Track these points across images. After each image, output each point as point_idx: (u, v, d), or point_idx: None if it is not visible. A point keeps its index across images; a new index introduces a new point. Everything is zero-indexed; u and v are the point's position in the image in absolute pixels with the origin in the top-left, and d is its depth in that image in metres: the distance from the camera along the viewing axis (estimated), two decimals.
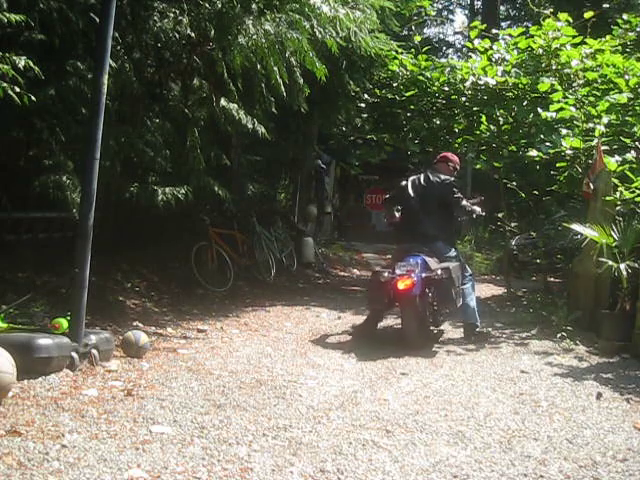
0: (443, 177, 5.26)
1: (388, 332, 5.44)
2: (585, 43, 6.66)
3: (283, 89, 5.75)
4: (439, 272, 4.80)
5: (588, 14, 7.04)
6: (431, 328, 5.25)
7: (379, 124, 9.49)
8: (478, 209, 5.37)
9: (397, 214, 5.50)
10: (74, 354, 3.61)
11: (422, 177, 5.34)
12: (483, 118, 7.46)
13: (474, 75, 6.97)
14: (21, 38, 4.51)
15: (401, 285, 4.65)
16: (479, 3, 23.77)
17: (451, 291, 4.83)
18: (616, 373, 4.18)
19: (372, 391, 3.57)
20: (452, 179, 5.29)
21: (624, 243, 4.95)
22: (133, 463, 2.37)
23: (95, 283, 4.61)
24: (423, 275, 4.77)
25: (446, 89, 7.55)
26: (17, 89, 3.52)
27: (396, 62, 7.83)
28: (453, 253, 5.26)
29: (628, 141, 5.79)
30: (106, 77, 3.70)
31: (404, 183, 5.39)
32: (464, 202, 5.27)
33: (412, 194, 5.26)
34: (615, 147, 5.87)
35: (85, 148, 3.75)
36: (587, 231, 5.15)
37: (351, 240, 14.14)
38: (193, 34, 5.54)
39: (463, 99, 7.49)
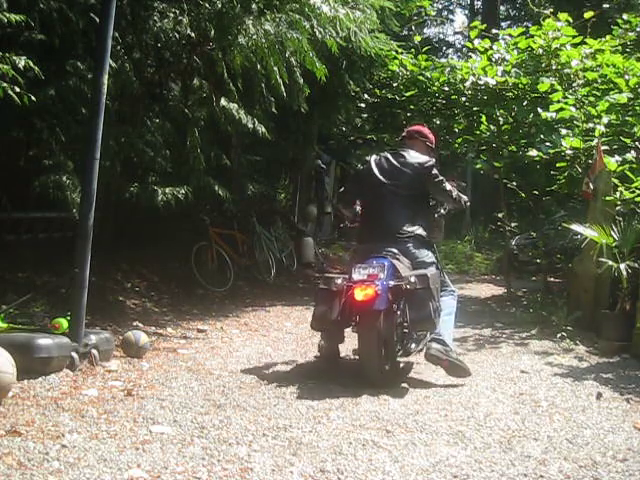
0: (423, 158, 4.08)
1: None
2: (585, 43, 6.66)
3: (283, 89, 5.76)
4: (412, 279, 3.61)
5: (588, 14, 7.05)
6: (398, 360, 3.81)
7: (379, 124, 9.49)
8: (464, 197, 4.38)
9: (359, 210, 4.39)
10: (74, 354, 3.61)
11: (391, 156, 4.12)
12: (483, 118, 7.46)
13: (474, 75, 6.97)
14: (21, 38, 4.51)
15: (360, 295, 3.48)
16: (479, 3, 23.82)
17: (429, 306, 3.57)
18: (616, 373, 4.18)
19: (372, 391, 3.57)
20: (434, 160, 4.14)
21: (624, 243, 4.95)
22: (133, 463, 2.37)
23: (95, 283, 4.61)
24: (391, 283, 3.60)
25: (446, 89, 7.55)
26: (17, 89, 3.53)
27: (396, 62, 7.84)
28: (429, 257, 3.99)
29: (628, 141, 5.79)
30: (106, 77, 3.70)
31: (365, 166, 4.24)
32: (449, 186, 4.13)
33: (381, 177, 4.04)
34: (615, 147, 5.87)
35: (85, 148, 3.75)
36: (587, 231, 5.15)
37: (351, 240, 14.12)
38: (193, 34, 5.55)
39: (463, 99, 7.49)
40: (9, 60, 3.52)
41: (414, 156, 4.10)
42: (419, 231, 3.99)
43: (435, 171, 4.07)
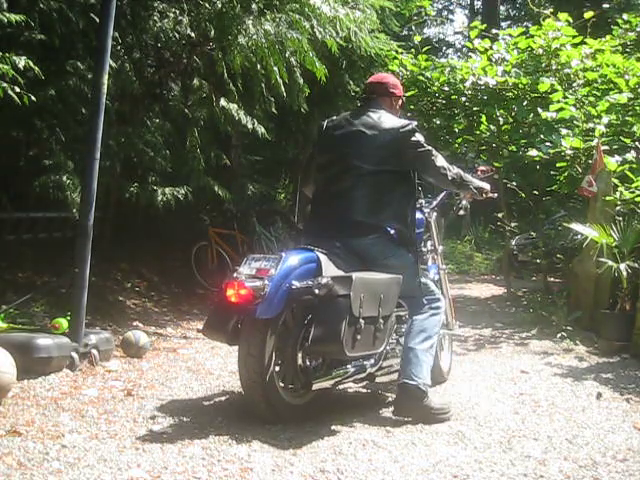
0: (399, 121, 3.11)
1: None
2: (585, 43, 6.66)
3: (283, 89, 5.76)
4: (324, 281, 2.72)
5: (588, 14, 7.04)
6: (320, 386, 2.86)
7: None
8: (482, 184, 3.40)
9: None
10: (74, 354, 3.62)
11: (356, 116, 3.17)
12: (483, 118, 7.45)
13: (474, 75, 6.96)
14: (21, 38, 4.52)
15: (232, 295, 2.70)
16: (479, 3, 23.79)
17: (341, 323, 2.64)
18: (616, 373, 4.18)
19: (373, 390, 3.57)
20: (414, 124, 3.11)
21: (624, 243, 4.96)
22: (133, 463, 2.37)
23: (95, 283, 4.62)
24: (295, 285, 2.75)
25: (446, 89, 7.54)
26: (17, 89, 3.53)
27: (396, 62, 7.83)
28: (399, 260, 3.08)
29: (628, 141, 5.79)
30: (106, 77, 3.70)
31: (324, 130, 3.23)
32: (441, 160, 3.12)
33: (338, 142, 3.11)
34: (615, 147, 5.87)
35: (85, 148, 3.75)
36: (587, 231, 5.15)
37: None
38: (193, 34, 5.55)
39: (463, 99, 7.48)
40: (9, 60, 3.52)
41: (387, 118, 3.12)
42: (389, 220, 3.06)
43: (417, 137, 3.08)
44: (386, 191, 3.05)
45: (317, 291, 2.73)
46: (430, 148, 3.12)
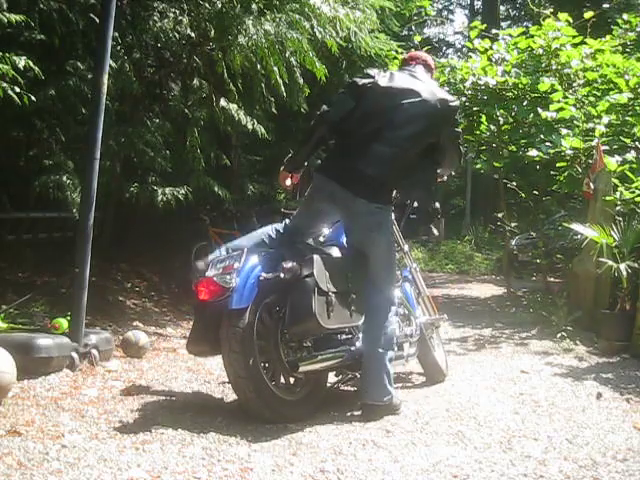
0: (449, 95, 3.16)
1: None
2: (585, 43, 6.66)
3: (283, 89, 5.76)
4: (288, 265, 2.78)
5: (588, 14, 7.04)
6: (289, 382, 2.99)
7: None
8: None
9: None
10: (74, 354, 3.61)
11: (406, 75, 3.09)
12: (483, 118, 7.45)
13: (474, 75, 6.96)
14: (21, 38, 4.52)
15: (203, 292, 2.79)
16: (479, 3, 23.82)
17: (310, 300, 2.72)
18: (616, 373, 4.18)
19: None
20: (458, 102, 3.19)
21: (624, 243, 4.96)
22: (133, 463, 2.37)
23: (95, 283, 4.61)
24: (262, 276, 2.81)
25: (446, 89, 7.55)
26: (17, 89, 3.53)
27: (396, 62, 7.82)
28: (387, 240, 3.09)
29: (628, 141, 5.79)
30: (106, 77, 3.70)
31: (371, 80, 3.04)
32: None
33: (383, 96, 2.99)
34: (615, 147, 5.87)
35: (85, 148, 3.75)
36: (587, 231, 5.15)
37: None
38: (193, 34, 5.55)
39: (463, 99, 7.48)
40: (9, 60, 3.52)
41: (437, 88, 3.13)
42: (409, 188, 3.10)
43: (456, 114, 3.14)
44: (418, 159, 3.04)
45: (283, 275, 2.79)
46: (461, 131, 3.20)
